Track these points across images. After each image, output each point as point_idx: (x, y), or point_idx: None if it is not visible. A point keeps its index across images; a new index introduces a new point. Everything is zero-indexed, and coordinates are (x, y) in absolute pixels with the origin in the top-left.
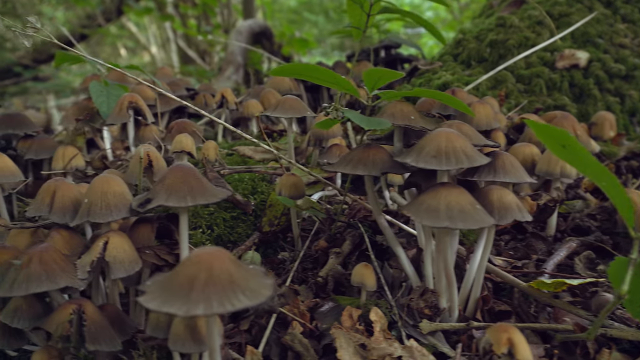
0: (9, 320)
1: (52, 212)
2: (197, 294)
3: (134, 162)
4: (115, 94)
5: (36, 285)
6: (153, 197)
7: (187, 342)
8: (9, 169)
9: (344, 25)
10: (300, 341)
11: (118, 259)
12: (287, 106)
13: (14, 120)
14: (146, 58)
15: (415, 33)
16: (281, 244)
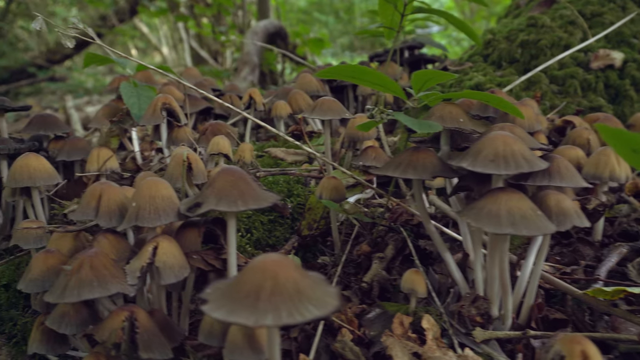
0: (56, 326)
1: (99, 216)
2: (264, 303)
3: (174, 165)
4: (146, 95)
5: (88, 292)
6: (203, 201)
7: (246, 351)
8: (47, 171)
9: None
10: (352, 349)
11: (168, 265)
12: (325, 108)
13: (46, 121)
14: (157, 59)
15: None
16: (320, 248)
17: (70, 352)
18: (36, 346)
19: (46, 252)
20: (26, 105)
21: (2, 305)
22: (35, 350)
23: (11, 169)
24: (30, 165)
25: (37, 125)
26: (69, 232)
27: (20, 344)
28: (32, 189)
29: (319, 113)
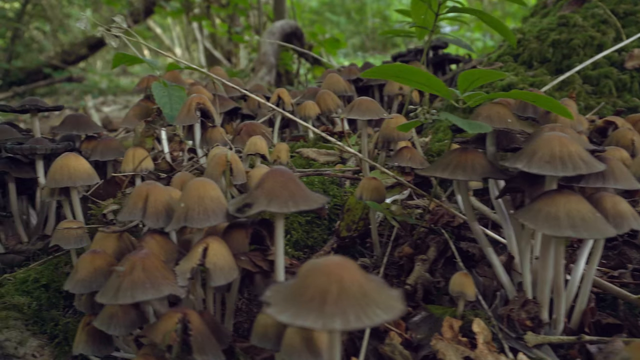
0: (105, 327)
1: (146, 217)
2: (331, 307)
3: (214, 165)
4: (177, 95)
5: (142, 293)
6: (253, 202)
7: (304, 354)
8: (86, 172)
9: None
10: (401, 352)
11: (218, 266)
12: (363, 108)
13: (78, 121)
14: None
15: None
16: (359, 250)
17: (115, 354)
18: (82, 347)
19: (93, 252)
20: (58, 105)
21: (42, 306)
22: (81, 351)
23: (51, 169)
24: (69, 165)
25: (70, 125)
26: (115, 233)
27: (63, 344)
28: (71, 189)
29: (358, 113)
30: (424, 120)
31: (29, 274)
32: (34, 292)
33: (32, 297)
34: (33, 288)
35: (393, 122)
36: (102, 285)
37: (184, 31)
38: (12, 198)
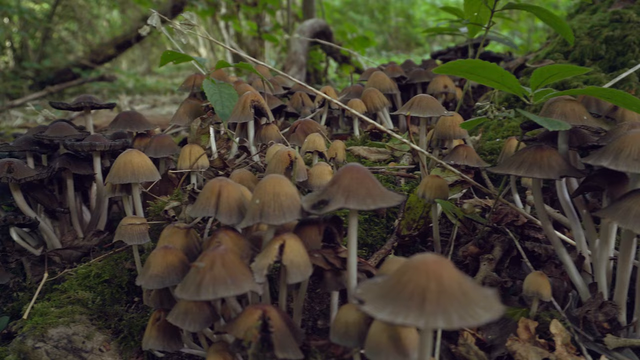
0: (180, 323)
1: (219, 213)
2: (432, 305)
3: (276, 162)
4: (227, 93)
5: (224, 290)
6: (329, 198)
7: (392, 354)
8: (149, 168)
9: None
10: (477, 353)
11: (295, 263)
12: (424, 105)
13: (132, 118)
14: None
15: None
16: (420, 248)
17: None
18: (152, 342)
19: (165, 248)
20: (111, 102)
21: (106, 301)
22: (152, 346)
23: (114, 165)
24: (133, 161)
25: (124, 122)
26: (187, 228)
27: (128, 339)
28: (132, 186)
29: (418, 110)
30: (492, 117)
31: (90, 269)
32: (96, 287)
33: (95, 292)
34: (95, 283)
35: (449, 119)
36: (175, 281)
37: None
38: (69, 194)
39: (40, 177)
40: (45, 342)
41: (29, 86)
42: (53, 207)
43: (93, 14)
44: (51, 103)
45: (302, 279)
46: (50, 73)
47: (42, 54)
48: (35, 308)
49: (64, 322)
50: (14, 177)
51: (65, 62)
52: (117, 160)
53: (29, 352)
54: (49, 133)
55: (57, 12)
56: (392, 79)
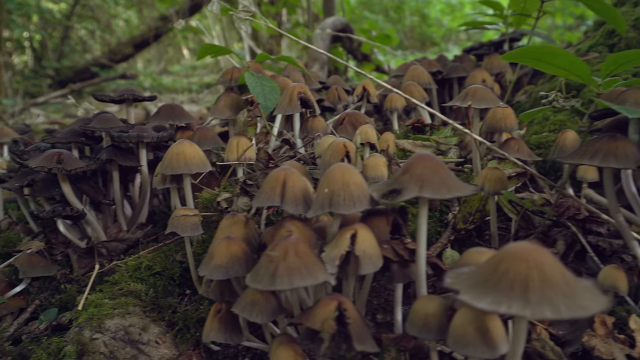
0: (247, 314)
1: (285, 202)
2: (536, 295)
3: (332, 153)
4: (269, 86)
5: (299, 279)
6: (401, 187)
7: (479, 347)
8: (201, 159)
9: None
10: (552, 348)
11: (367, 254)
12: (478, 96)
13: (173, 111)
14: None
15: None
16: (476, 242)
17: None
18: (214, 335)
19: (228, 239)
20: (153, 95)
21: (158, 293)
22: (213, 338)
23: (166, 156)
24: (186, 152)
25: (166, 115)
26: (247, 219)
27: (184, 332)
28: (184, 177)
29: (472, 102)
30: (559, 107)
31: (139, 261)
32: (147, 279)
33: (147, 284)
34: (146, 275)
35: (500, 112)
36: (239, 272)
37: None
38: (115, 186)
39: (89, 168)
40: (102, 334)
41: (48, 85)
42: (99, 199)
43: (111, 13)
44: (94, 95)
45: (373, 270)
46: (69, 72)
47: (60, 54)
48: (89, 299)
49: (119, 314)
50: (64, 167)
51: (84, 61)
52: (169, 151)
53: (87, 343)
54: (95, 124)
55: (75, 11)
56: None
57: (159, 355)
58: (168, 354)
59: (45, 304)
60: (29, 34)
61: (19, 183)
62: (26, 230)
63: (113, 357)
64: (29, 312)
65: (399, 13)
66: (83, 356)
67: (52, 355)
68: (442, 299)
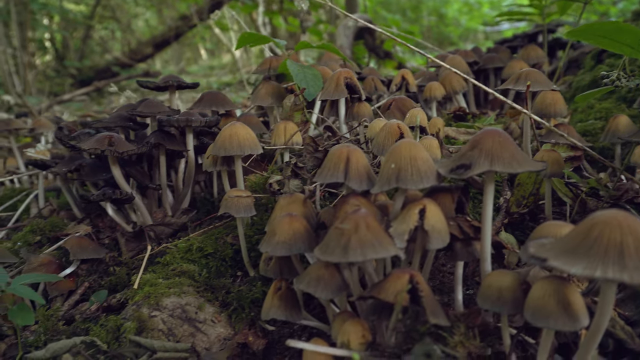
0: (312, 289)
1: (349, 179)
2: (632, 260)
3: (385, 135)
4: (311, 73)
5: (372, 252)
6: (470, 162)
7: (561, 318)
8: (254, 141)
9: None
10: (623, 327)
11: (437, 229)
12: (532, 79)
13: (216, 98)
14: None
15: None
16: (530, 225)
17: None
18: (274, 312)
19: (290, 216)
20: (195, 82)
21: (211, 274)
22: (273, 315)
23: (219, 137)
24: (239, 134)
25: (208, 102)
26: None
27: (239, 311)
28: (235, 159)
29: (525, 85)
30: (622, 85)
31: (190, 243)
32: (199, 260)
33: (199, 265)
34: (198, 257)
35: (550, 96)
36: (301, 248)
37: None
38: (162, 171)
39: (140, 150)
40: (160, 311)
41: (70, 84)
42: (146, 184)
43: (132, 13)
44: (138, 82)
45: (442, 246)
46: (90, 72)
47: (82, 54)
48: (143, 279)
49: (175, 293)
50: (116, 149)
51: (104, 61)
52: (222, 133)
53: (146, 320)
54: (143, 109)
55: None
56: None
57: (215, 333)
58: (224, 333)
59: (95, 286)
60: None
61: (67, 168)
62: (70, 216)
63: (172, 334)
64: (78, 294)
65: (416, 13)
66: (142, 332)
67: (111, 332)
68: (515, 274)
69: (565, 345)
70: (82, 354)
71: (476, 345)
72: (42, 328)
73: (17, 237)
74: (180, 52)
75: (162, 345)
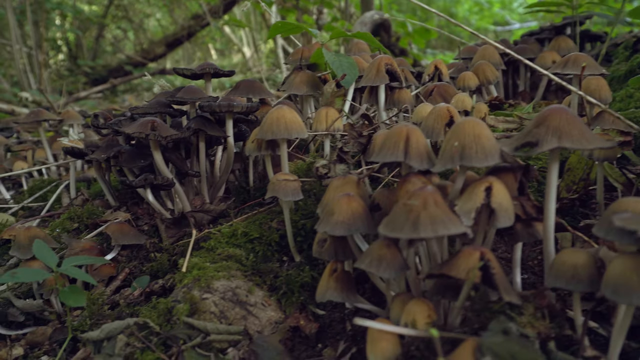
0: (375, 269)
1: (410, 157)
2: None
3: (434, 118)
4: (346, 61)
5: (443, 228)
6: (537, 140)
7: None
8: (300, 124)
9: None
10: None
11: (504, 207)
12: (580, 62)
13: (252, 86)
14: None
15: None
16: (580, 211)
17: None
18: (330, 294)
19: (348, 195)
20: (231, 70)
21: (258, 258)
22: (330, 297)
23: (265, 121)
24: (286, 117)
25: (245, 89)
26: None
27: (289, 295)
28: (280, 142)
29: (573, 68)
30: None
31: (234, 228)
32: (244, 245)
33: (244, 250)
34: (243, 242)
35: (594, 82)
36: (360, 228)
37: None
38: (201, 157)
39: (183, 135)
40: (211, 294)
41: (83, 83)
42: (185, 170)
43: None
44: (174, 69)
45: (509, 224)
46: (103, 71)
47: (95, 53)
48: (191, 262)
49: (224, 276)
50: (160, 134)
51: (117, 60)
52: (268, 116)
53: (197, 302)
54: (183, 95)
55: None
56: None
57: (266, 317)
58: (275, 317)
59: (136, 272)
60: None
61: (106, 154)
62: (104, 205)
63: (223, 317)
64: (119, 279)
65: (426, 12)
66: (194, 314)
67: (162, 315)
68: (588, 252)
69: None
70: (136, 335)
71: (546, 325)
72: (88, 312)
73: (55, 224)
74: (192, 52)
75: (215, 327)
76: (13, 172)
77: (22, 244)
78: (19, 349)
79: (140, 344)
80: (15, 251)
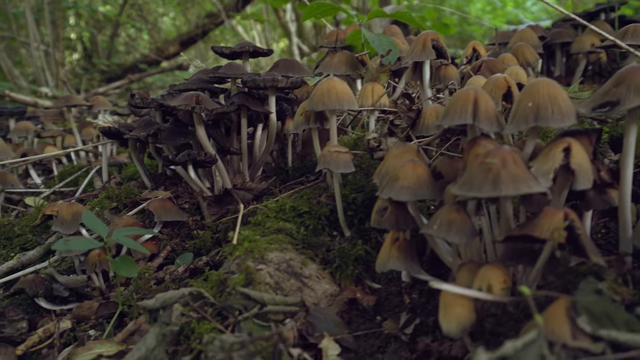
0: (444, 234)
1: (479, 120)
2: None
3: (492, 87)
4: (385, 40)
5: (525, 186)
6: (617, 99)
7: None
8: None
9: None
10: None
11: (583, 168)
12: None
13: (291, 64)
14: None
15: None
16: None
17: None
18: (393, 263)
19: (413, 162)
20: (270, 49)
21: (309, 232)
22: (392, 267)
23: (315, 92)
24: (337, 88)
25: (284, 67)
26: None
27: (343, 268)
28: (329, 115)
29: (634, 39)
30: None
31: (281, 203)
32: (294, 219)
33: (294, 224)
34: (292, 216)
35: None
36: (425, 194)
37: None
38: (243, 134)
39: (227, 109)
40: (266, 265)
41: (98, 81)
42: (228, 147)
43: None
44: (213, 48)
45: (589, 186)
46: (118, 69)
47: (110, 52)
48: (242, 234)
49: (277, 248)
50: (205, 107)
51: (132, 58)
52: (318, 87)
53: (253, 272)
54: (225, 71)
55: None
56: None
57: (321, 289)
58: (330, 289)
59: (178, 249)
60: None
61: (145, 132)
62: (140, 186)
63: (279, 288)
64: (161, 257)
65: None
66: (249, 285)
67: (216, 286)
68: None
69: None
70: (191, 305)
71: (629, 292)
72: (134, 286)
73: (93, 202)
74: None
75: (271, 298)
76: (44, 155)
77: (65, 220)
78: (66, 322)
79: (196, 314)
80: (58, 227)
